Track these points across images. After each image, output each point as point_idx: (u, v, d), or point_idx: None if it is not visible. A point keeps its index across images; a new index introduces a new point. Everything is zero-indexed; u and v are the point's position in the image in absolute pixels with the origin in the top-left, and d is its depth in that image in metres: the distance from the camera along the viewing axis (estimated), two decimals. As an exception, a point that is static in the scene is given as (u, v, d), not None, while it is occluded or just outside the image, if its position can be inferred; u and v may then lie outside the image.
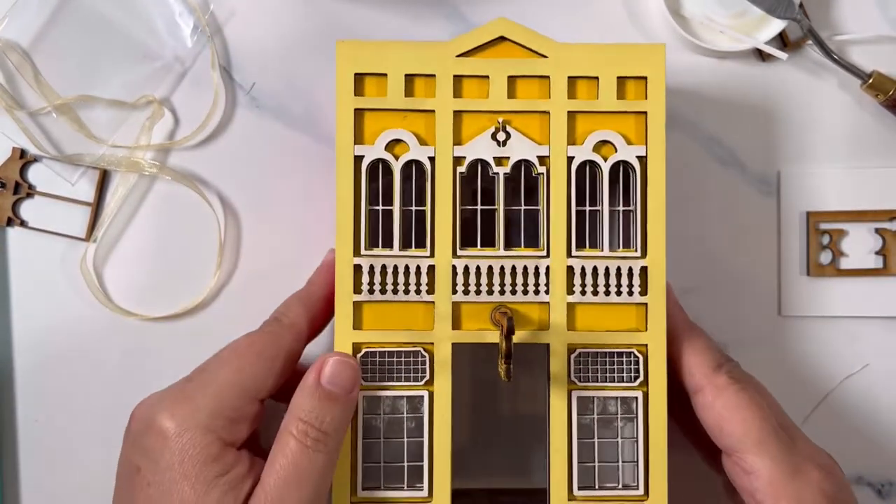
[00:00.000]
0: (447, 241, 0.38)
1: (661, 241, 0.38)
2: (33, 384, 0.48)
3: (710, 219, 0.49)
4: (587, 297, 0.38)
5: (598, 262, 0.38)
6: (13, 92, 0.48)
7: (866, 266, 0.49)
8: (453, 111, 0.38)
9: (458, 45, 0.38)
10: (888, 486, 0.49)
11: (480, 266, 0.38)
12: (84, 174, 0.48)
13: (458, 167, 0.38)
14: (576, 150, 0.38)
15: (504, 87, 0.38)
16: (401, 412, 0.38)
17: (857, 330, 0.49)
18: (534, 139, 0.38)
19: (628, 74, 0.38)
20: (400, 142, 0.38)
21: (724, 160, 0.49)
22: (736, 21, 0.48)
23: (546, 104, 0.38)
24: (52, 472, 0.49)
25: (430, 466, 0.37)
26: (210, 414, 0.34)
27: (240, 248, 0.49)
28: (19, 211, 0.48)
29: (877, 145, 0.49)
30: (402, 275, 0.38)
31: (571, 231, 0.38)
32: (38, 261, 0.48)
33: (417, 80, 0.38)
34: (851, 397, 0.49)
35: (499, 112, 0.38)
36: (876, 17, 0.49)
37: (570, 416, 0.38)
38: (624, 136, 0.38)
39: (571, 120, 0.38)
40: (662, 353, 0.38)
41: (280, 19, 0.49)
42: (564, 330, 0.38)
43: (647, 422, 0.38)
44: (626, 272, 0.38)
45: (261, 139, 0.49)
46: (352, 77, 0.38)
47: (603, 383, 0.38)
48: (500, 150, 0.38)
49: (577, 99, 0.38)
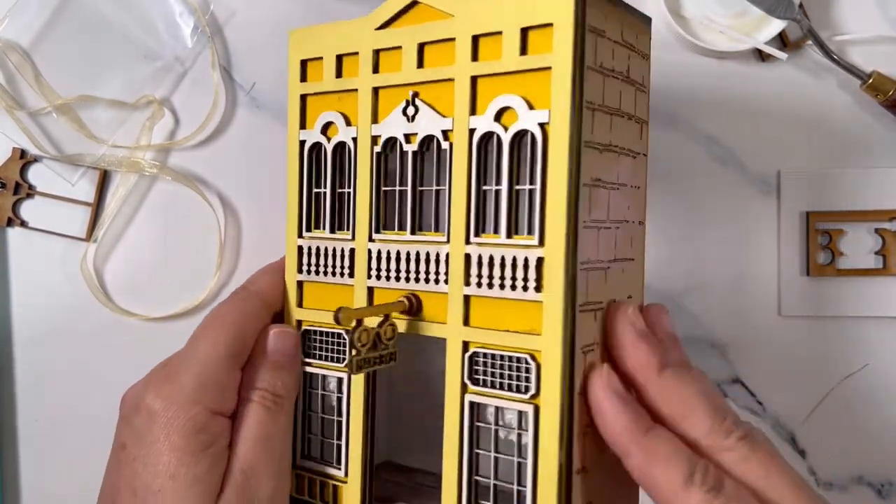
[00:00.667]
0: (365, 224, 0.36)
1: (562, 228, 0.30)
2: (33, 384, 0.48)
3: (710, 219, 0.49)
4: (483, 290, 0.32)
5: (494, 250, 0.32)
6: (13, 92, 0.48)
7: (866, 266, 0.49)
8: (372, 88, 0.36)
9: (377, 18, 0.36)
10: (888, 486, 0.49)
11: (390, 251, 0.35)
12: (84, 174, 0.48)
13: (375, 146, 0.36)
14: (478, 121, 0.32)
15: (415, 57, 0.34)
16: (330, 390, 0.38)
17: (857, 330, 0.49)
18: (440, 111, 0.34)
19: (532, 23, 0.31)
20: (332, 124, 0.37)
21: (723, 160, 0.49)
22: (736, 21, 0.48)
23: (451, 70, 0.33)
24: (51, 472, 0.49)
25: (346, 448, 0.37)
26: (195, 387, 0.35)
27: (240, 248, 0.49)
28: (19, 211, 0.48)
29: (876, 145, 0.49)
30: (330, 257, 0.38)
31: (470, 214, 0.33)
32: (38, 261, 0.48)
33: (346, 59, 0.37)
34: (851, 397, 0.49)
35: (410, 84, 0.35)
36: (876, 18, 0.49)
37: (462, 421, 0.33)
38: (526, 99, 0.31)
39: (475, 86, 0.33)
40: (558, 363, 0.30)
41: (280, 19, 0.49)
42: (461, 325, 0.33)
43: (537, 443, 0.31)
44: (522, 263, 0.31)
45: (261, 139, 0.49)
46: (298, 64, 0.38)
47: (497, 390, 0.32)
48: (410, 126, 0.35)
49: (481, 61, 0.32)
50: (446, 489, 0.33)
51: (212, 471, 0.34)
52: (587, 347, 0.31)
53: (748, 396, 0.49)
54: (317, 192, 0.39)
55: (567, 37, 0.30)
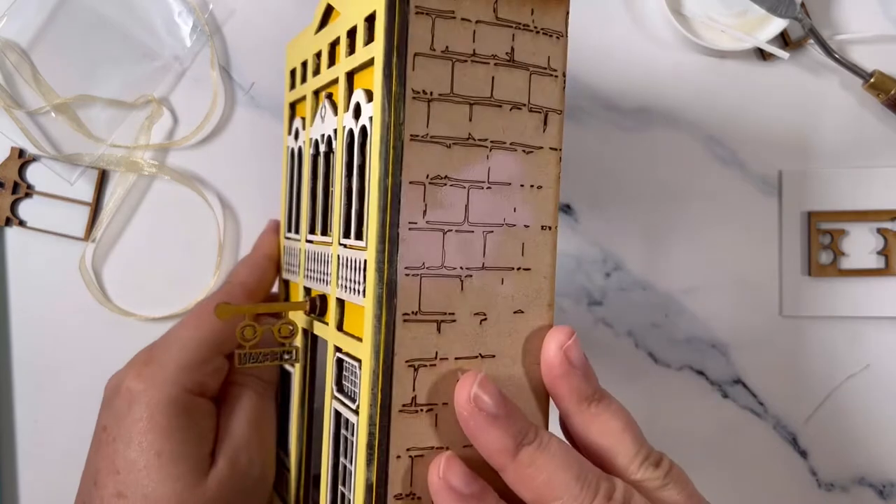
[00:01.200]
0: (305, 225, 0.37)
1: (375, 228, 0.28)
2: (33, 384, 0.48)
3: (711, 219, 0.49)
4: (344, 294, 0.31)
5: (349, 252, 0.30)
6: (12, 91, 0.48)
7: (868, 266, 0.49)
8: (312, 92, 0.36)
9: (314, 22, 0.35)
10: (889, 487, 0.49)
11: (314, 252, 0.35)
12: (83, 174, 0.48)
13: (311, 150, 0.36)
14: (347, 118, 0.31)
15: (327, 58, 0.34)
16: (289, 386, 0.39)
17: (859, 330, 0.49)
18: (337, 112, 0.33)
19: (369, 12, 0.29)
20: (300, 130, 0.38)
21: (724, 160, 0.49)
22: (737, 20, 0.48)
23: (337, 69, 0.32)
24: (51, 472, 0.48)
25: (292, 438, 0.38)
26: (175, 369, 0.35)
27: (239, 248, 0.49)
28: (18, 211, 0.48)
29: (878, 145, 0.49)
30: (293, 256, 0.39)
31: (342, 216, 0.31)
32: (36, 261, 0.48)
33: (308, 66, 0.37)
34: (853, 398, 0.49)
35: (326, 86, 0.34)
36: (878, 17, 0.49)
37: (330, 430, 0.32)
38: (368, 92, 0.29)
39: (351, 82, 0.31)
40: (369, 373, 0.27)
41: (279, 19, 0.48)
42: (334, 329, 0.32)
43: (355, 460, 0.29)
44: (358, 266, 0.29)
45: (260, 139, 0.48)
46: (289, 74, 0.39)
47: (344, 398, 0.30)
48: (322, 128, 0.34)
49: (355, 55, 0.30)
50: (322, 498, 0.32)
51: (198, 449, 0.34)
52: (418, 361, 0.28)
53: (749, 397, 0.49)
54: (291, 196, 0.40)
55: (381, 23, 0.27)
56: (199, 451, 0.34)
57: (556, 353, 0.29)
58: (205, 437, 0.35)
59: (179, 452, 0.33)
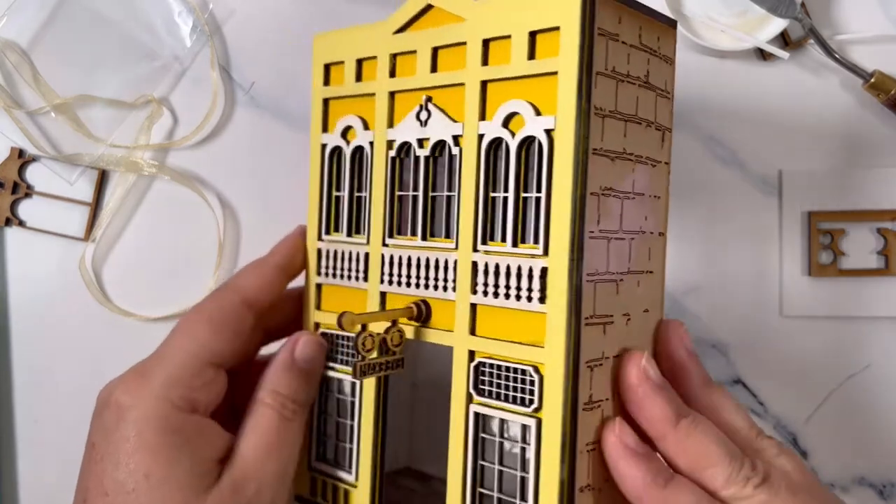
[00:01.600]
0: (379, 228, 0.36)
1: (566, 237, 0.29)
2: (32, 384, 0.48)
3: (711, 219, 0.49)
4: (489, 299, 0.32)
5: (500, 258, 0.31)
6: (12, 91, 0.48)
7: (868, 266, 0.49)
8: (388, 92, 0.36)
9: (395, 22, 0.35)
10: (890, 487, 0.49)
11: (402, 256, 0.35)
12: (83, 174, 0.48)
13: (390, 151, 0.36)
14: (486, 126, 0.32)
15: (428, 61, 0.34)
16: (345, 394, 0.37)
17: (859, 330, 0.49)
18: (452, 116, 0.33)
19: (539, 27, 0.30)
20: (351, 128, 0.37)
21: (725, 160, 0.49)
22: (737, 20, 0.48)
23: (462, 75, 0.33)
24: (50, 472, 0.48)
25: (357, 453, 0.36)
26: (164, 383, 0.34)
27: (239, 248, 0.49)
28: (18, 211, 0.48)
29: (878, 145, 0.49)
30: (346, 260, 0.37)
31: (478, 221, 0.32)
32: (36, 261, 0.48)
33: (366, 63, 0.37)
34: (853, 398, 0.49)
35: (423, 88, 0.34)
36: (878, 17, 0.49)
37: (468, 432, 0.32)
38: (534, 104, 0.31)
39: (484, 91, 0.32)
40: (560, 376, 0.29)
41: (279, 19, 0.48)
42: (467, 334, 0.32)
43: (539, 457, 0.30)
44: (527, 273, 0.31)
45: (260, 139, 0.48)
46: (321, 68, 0.38)
47: (501, 402, 0.31)
48: (422, 131, 0.34)
49: (490, 65, 0.32)
50: (450, 499, 0.33)
51: (191, 471, 0.32)
52: (593, 362, 0.30)
53: (750, 397, 0.49)
54: (336, 196, 0.38)
55: (573, 41, 0.29)
56: (193, 472, 0.32)
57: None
58: (200, 457, 0.33)
59: (169, 475, 0.32)
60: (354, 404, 0.36)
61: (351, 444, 0.37)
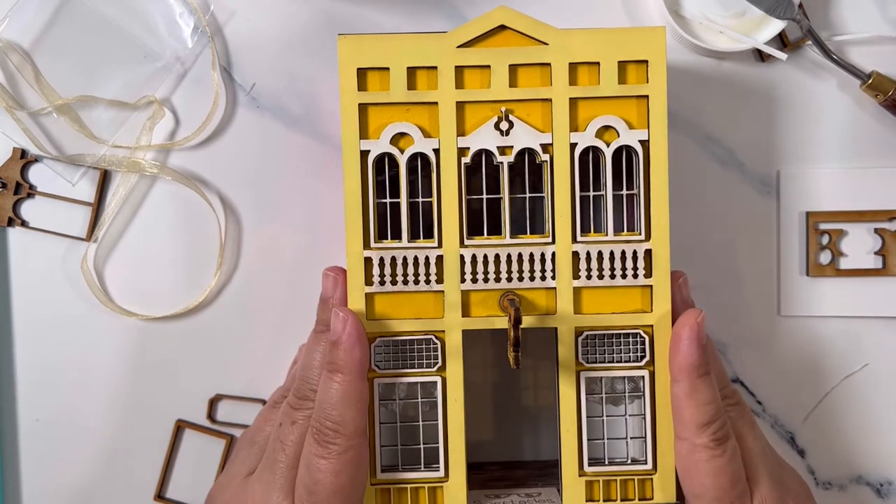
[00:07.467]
0: (454, 230, 0.39)
1: (665, 224, 0.39)
2: (34, 384, 0.49)
3: (710, 219, 0.49)
4: (593, 282, 0.39)
5: (602, 246, 0.39)
6: (14, 92, 0.48)
7: (865, 266, 0.49)
8: (456, 102, 0.39)
9: (459, 36, 0.39)
10: (887, 486, 0.49)
11: (487, 254, 0.39)
12: (85, 174, 0.48)
13: (463, 158, 0.39)
14: (578, 137, 0.39)
15: (506, 77, 0.38)
16: (415, 397, 0.39)
17: (857, 330, 0.49)
18: (536, 127, 0.39)
19: (629, 58, 0.38)
20: (405, 135, 0.39)
21: (723, 160, 0.49)
22: (735, 21, 0.48)
23: (548, 91, 0.38)
24: (52, 472, 0.49)
25: (445, 448, 0.39)
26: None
27: (240, 248, 0.49)
28: (20, 211, 0.49)
29: (876, 145, 0.49)
30: (411, 266, 0.39)
31: (576, 217, 0.39)
32: (38, 261, 0.48)
33: (419, 72, 0.39)
34: (850, 397, 0.49)
35: (501, 101, 0.39)
36: (875, 18, 0.49)
37: (580, 396, 0.39)
38: (626, 120, 0.39)
39: (573, 106, 0.39)
40: (667, 333, 0.39)
41: (280, 19, 0.49)
42: (571, 314, 0.39)
43: (654, 399, 0.39)
44: (631, 255, 0.39)
45: (261, 139, 0.49)
46: (355, 72, 0.38)
47: (610, 363, 0.39)
48: (504, 140, 0.39)
49: (579, 85, 0.39)
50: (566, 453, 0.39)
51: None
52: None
53: (747, 396, 0.49)
54: (390, 203, 0.39)
55: (661, 73, 0.38)
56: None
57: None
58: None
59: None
60: (437, 403, 0.39)
61: (436, 441, 0.39)
